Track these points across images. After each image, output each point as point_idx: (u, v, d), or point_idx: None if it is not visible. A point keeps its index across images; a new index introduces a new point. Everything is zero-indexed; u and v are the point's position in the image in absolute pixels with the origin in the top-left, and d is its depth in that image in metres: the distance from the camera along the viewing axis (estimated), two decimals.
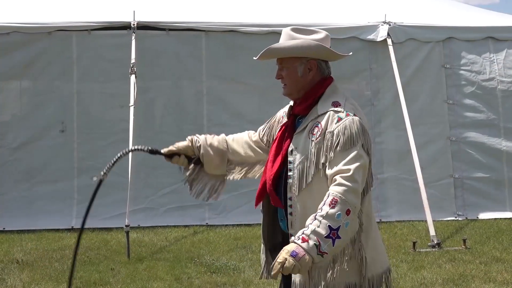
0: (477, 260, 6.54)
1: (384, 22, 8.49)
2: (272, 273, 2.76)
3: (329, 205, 2.75)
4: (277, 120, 3.23)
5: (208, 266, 6.33)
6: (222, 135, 3.37)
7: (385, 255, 3.08)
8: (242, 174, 3.35)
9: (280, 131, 3.07)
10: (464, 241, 7.03)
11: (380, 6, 8.98)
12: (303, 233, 2.75)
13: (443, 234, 7.57)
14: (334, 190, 2.76)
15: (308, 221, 2.77)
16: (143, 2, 8.58)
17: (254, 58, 3.15)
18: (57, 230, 7.73)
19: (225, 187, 3.38)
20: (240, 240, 7.36)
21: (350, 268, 2.85)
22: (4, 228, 7.74)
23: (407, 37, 8.56)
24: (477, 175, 8.59)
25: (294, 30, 3.01)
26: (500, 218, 8.37)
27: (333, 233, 2.73)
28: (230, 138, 3.36)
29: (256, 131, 3.34)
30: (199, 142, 3.30)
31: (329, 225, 2.73)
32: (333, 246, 2.75)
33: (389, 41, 8.35)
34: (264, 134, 3.28)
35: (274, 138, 3.12)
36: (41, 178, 8.06)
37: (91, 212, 7.63)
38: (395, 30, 8.47)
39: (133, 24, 7.97)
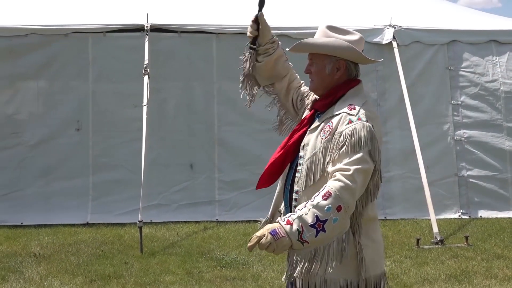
0: (479, 256, 6.56)
1: (390, 25, 8.51)
2: (248, 244, 2.73)
3: (322, 196, 2.69)
4: (310, 99, 3.17)
5: (218, 260, 6.37)
6: (291, 64, 3.29)
7: (383, 259, 3.04)
8: (274, 103, 3.31)
9: (300, 122, 3.06)
10: (467, 238, 7.04)
11: (385, 10, 8.99)
12: (289, 216, 2.71)
13: (446, 231, 7.58)
14: (331, 184, 2.71)
15: (298, 207, 2.74)
16: (156, 5, 8.63)
17: (287, 49, 3.11)
18: (73, 225, 7.78)
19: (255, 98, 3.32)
20: (249, 236, 7.36)
21: (348, 266, 2.81)
22: (22, 223, 7.81)
23: (412, 40, 8.58)
24: (481, 174, 8.59)
25: (329, 28, 2.97)
26: (503, 217, 8.38)
27: (318, 224, 2.67)
28: (294, 73, 3.28)
29: (302, 88, 3.26)
30: (274, 49, 3.20)
31: (316, 215, 2.67)
32: (315, 237, 2.68)
33: (394, 43, 8.38)
34: (300, 101, 3.22)
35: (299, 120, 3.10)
36: (58, 175, 8.12)
37: (105, 208, 7.70)
38: (400, 33, 8.49)
39: (147, 27, 8.02)
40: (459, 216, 8.44)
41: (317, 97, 3.06)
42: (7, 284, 5.64)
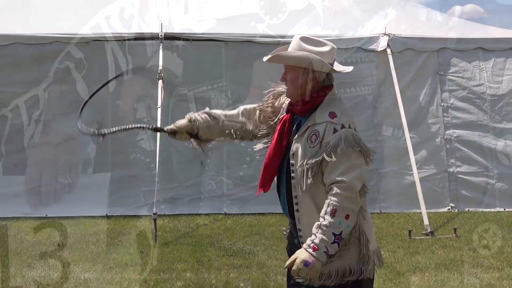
0: (466, 247, 6.55)
1: (384, 34, 8.49)
2: (288, 267, 2.84)
3: (330, 214, 2.74)
4: (279, 103, 3.16)
5: (226, 250, 6.38)
6: (221, 113, 3.38)
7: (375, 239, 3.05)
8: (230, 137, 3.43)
9: (279, 126, 3.03)
10: (455, 230, 7.03)
11: (380, 20, 8.99)
12: (313, 242, 2.76)
13: (436, 223, 7.56)
14: (332, 200, 2.76)
15: (314, 230, 2.77)
16: (170, 16, 8.64)
17: (264, 59, 3.11)
18: (93, 217, 7.77)
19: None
20: (254, 227, 7.40)
21: (351, 250, 2.87)
22: (46, 215, 7.84)
23: (405, 47, 8.56)
24: (469, 170, 8.57)
25: (303, 39, 2.94)
26: (489, 211, 8.36)
27: (337, 238, 2.75)
28: (228, 115, 3.35)
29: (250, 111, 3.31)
30: (197, 122, 3.33)
31: (333, 233, 2.74)
32: (338, 247, 2.77)
33: (388, 50, 8.35)
34: (263, 117, 3.23)
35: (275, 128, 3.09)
36: (79, 171, 8.15)
37: (122, 202, 7.70)
38: (394, 41, 8.47)
39: (161, 35, 8.03)
40: (449, 209, 8.42)
41: (290, 101, 3.03)
42: (33, 270, 5.67)
